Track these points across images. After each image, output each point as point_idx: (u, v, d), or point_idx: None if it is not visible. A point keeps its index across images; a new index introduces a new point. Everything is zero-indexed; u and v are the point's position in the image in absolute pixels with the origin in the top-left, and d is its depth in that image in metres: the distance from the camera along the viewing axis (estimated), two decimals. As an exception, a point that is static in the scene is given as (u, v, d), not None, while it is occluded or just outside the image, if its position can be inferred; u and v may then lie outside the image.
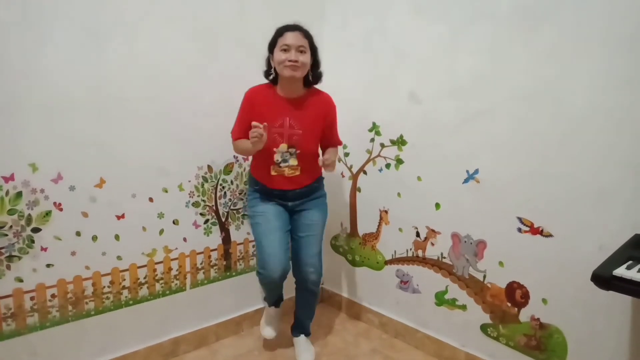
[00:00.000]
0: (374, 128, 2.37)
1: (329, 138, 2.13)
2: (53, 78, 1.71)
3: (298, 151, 1.97)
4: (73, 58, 1.74)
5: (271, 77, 2.00)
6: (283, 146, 1.95)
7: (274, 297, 2.24)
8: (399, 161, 2.28)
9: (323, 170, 2.07)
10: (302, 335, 2.26)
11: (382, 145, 2.34)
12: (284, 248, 2.02)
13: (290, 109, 1.96)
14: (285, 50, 1.87)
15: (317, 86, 2.08)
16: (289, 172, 1.98)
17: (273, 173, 1.99)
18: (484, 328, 2.03)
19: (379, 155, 2.37)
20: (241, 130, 1.97)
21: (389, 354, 2.27)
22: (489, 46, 1.85)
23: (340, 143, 2.21)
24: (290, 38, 1.87)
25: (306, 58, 1.89)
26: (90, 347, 1.94)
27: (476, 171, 1.97)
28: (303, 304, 2.23)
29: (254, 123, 1.78)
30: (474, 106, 1.93)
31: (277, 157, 1.96)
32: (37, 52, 1.66)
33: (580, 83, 1.61)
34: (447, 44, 1.99)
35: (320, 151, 2.15)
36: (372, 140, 2.39)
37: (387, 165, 2.34)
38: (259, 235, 2.04)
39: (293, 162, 1.97)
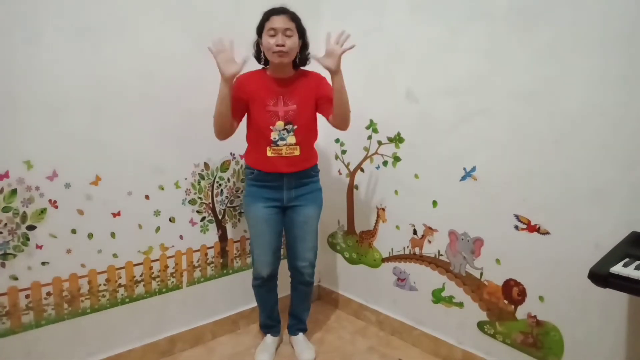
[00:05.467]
0: (371, 125, 2.36)
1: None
2: (49, 75, 1.70)
3: (295, 126, 1.95)
4: (68, 55, 1.73)
5: (262, 61, 2.01)
6: (280, 124, 1.94)
7: (267, 311, 2.22)
8: (396, 159, 2.27)
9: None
10: (300, 334, 2.26)
11: (379, 143, 2.34)
12: (271, 252, 2.07)
13: (282, 87, 1.96)
14: (272, 35, 1.85)
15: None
16: (286, 151, 1.96)
17: (270, 154, 1.96)
18: (480, 325, 2.04)
19: (376, 153, 2.37)
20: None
21: (386, 352, 2.27)
22: (486, 45, 1.84)
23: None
24: (276, 22, 1.84)
25: (293, 42, 1.87)
26: (86, 345, 1.93)
27: (473, 169, 1.97)
28: (299, 298, 2.24)
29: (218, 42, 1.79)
30: (471, 104, 1.93)
31: (274, 135, 1.95)
32: (33, 49, 1.65)
33: (577, 82, 1.61)
34: (445, 43, 1.99)
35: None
36: (369, 137, 2.38)
37: (385, 163, 2.34)
38: (250, 236, 2.14)
39: (291, 140, 1.95)
